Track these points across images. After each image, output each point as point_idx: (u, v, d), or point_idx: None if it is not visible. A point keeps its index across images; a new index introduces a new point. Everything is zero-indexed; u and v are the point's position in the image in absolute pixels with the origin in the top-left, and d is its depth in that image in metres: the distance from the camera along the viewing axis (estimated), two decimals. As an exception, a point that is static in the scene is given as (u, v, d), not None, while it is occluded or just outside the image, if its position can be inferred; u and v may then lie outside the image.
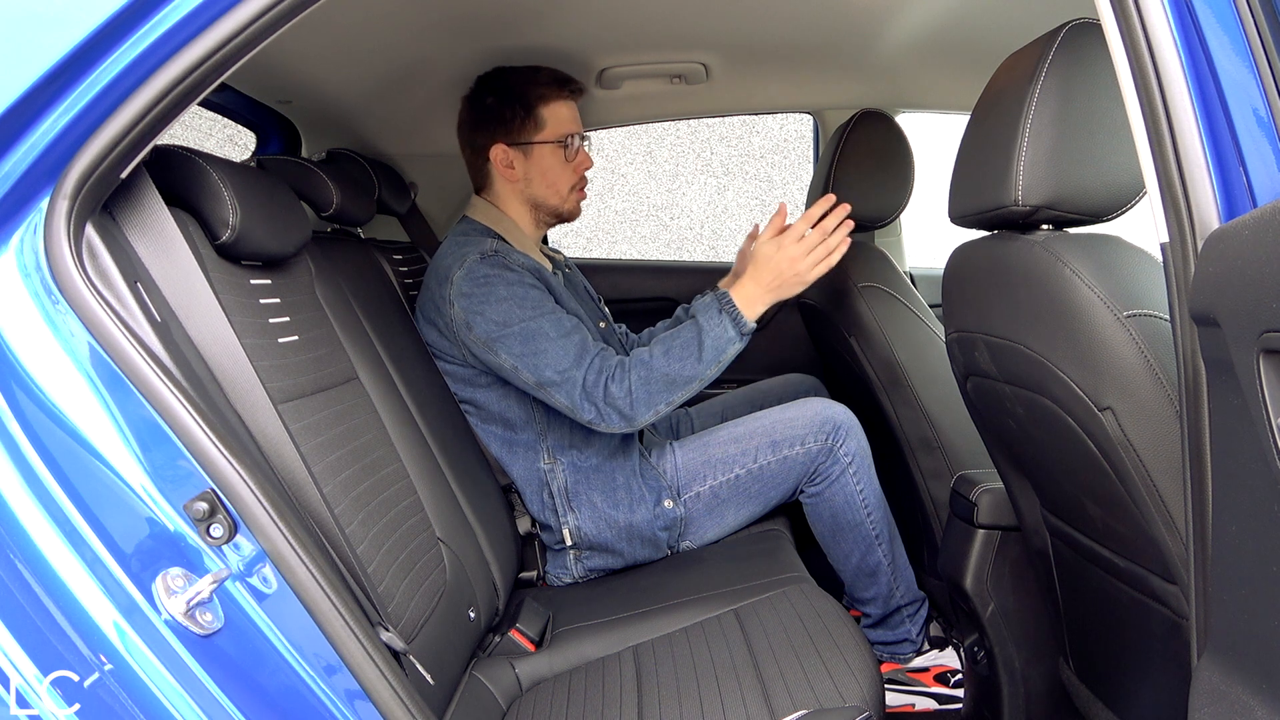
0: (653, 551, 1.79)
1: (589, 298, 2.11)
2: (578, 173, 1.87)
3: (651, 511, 1.76)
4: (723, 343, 1.59)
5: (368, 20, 1.70)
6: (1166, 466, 0.98)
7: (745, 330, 1.60)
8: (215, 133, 4.52)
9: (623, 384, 1.59)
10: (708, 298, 1.65)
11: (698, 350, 1.59)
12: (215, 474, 0.90)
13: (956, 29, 1.99)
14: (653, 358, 1.60)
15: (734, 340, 1.60)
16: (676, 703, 1.25)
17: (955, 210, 1.24)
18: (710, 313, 1.61)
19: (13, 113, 0.86)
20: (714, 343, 1.59)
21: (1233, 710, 0.79)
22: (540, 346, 1.62)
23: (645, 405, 1.59)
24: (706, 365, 1.59)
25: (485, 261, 1.68)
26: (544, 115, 1.82)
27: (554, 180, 1.84)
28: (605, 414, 1.60)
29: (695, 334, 1.60)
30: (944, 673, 1.82)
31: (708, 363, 1.59)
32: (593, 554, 1.79)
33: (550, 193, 1.85)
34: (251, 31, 0.90)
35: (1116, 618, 1.22)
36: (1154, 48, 0.83)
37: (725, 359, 1.60)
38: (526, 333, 1.62)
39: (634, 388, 1.58)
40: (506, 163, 1.84)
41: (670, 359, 1.59)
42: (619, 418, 1.60)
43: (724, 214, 5.92)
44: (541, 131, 1.82)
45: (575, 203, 1.89)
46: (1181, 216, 0.82)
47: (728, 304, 1.60)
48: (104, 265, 0.92)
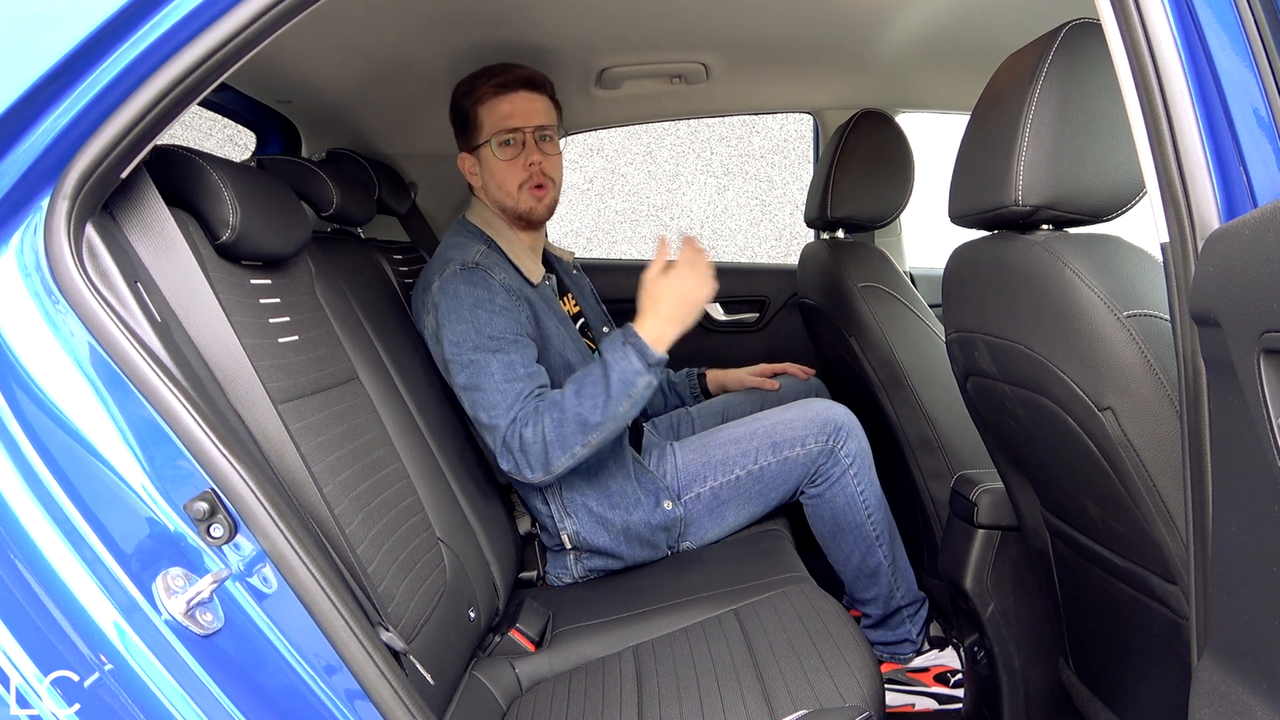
0: (651, 553, 1.79)
1: (594, 301, 2.11)
2: (526, 169, 1.79)
3: (649, 513, 1.75)
4: (630, 375, 1.55)
5: (367, 20, 1.70)
6: (1166, 466, 0.98)
7: (653, 361, 1.57)
8: (215, 133, 4.52)
9: (537, 428, 1.56)
10: (614, 334, 1.63)
11: (605, 386, 1.55)
12: (215, 474, 0.90)
13: (957, 29, 1.99)
14: (564, 398, 1.58)
15: (641, 372, 1.56)
16: (676, 703, 1.25)
17: (955, 210, 1.24)
18: (614, 347, 1.58)
19: (13, 113, 0.86)
20: (621, 376, 1.55)
21: (1233, 710, 0.79)
22: (482, 384, 1.60)
23: (560, 449, 1.56)
24: (617, 402, 1.55)
25: (463, 274, 1.66)
26: (481, 115, 1.79)
27: (501, 180, 1.79)
28: (520, 462, 1.58)
29: (602, 371, 1.57)
30: (944, 673, 1.82)
31: (617, 398, 1.55)
32: (592, 556, 1.78)
33: (502, 194, 1.80)
34: (251, 31, 0.90)
35: (1116, 618, 1.22)
36: (1154, 48, 0.83)
37: (636, 393, 1.56)
38: (474, 366, 1.61)
39: (547, 431, 1.56)
40: (471, 171, 1.85)
41: (581, 398, 1.56)
42: (536, 465, 1.58)
43: (724, 214, 5.92)
44: (481, 132, 1.80)
45: (530, 201, 1.80)
46: (1181, 216, 0.82)
47: (632, 336, 1.58)
48: (104, 265, 0.92)
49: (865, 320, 1.97)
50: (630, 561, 1.78)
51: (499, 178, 1.80)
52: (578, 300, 2.01)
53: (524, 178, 1.79)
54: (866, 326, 1.97)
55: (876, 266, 2.07)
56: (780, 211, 5.89)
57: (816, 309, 2.20)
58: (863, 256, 2.09)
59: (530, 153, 1.79)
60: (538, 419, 1.57)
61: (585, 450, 1.58)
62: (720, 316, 2.78)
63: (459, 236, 1.80)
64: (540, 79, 1.83)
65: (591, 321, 2.01)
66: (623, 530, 1.75)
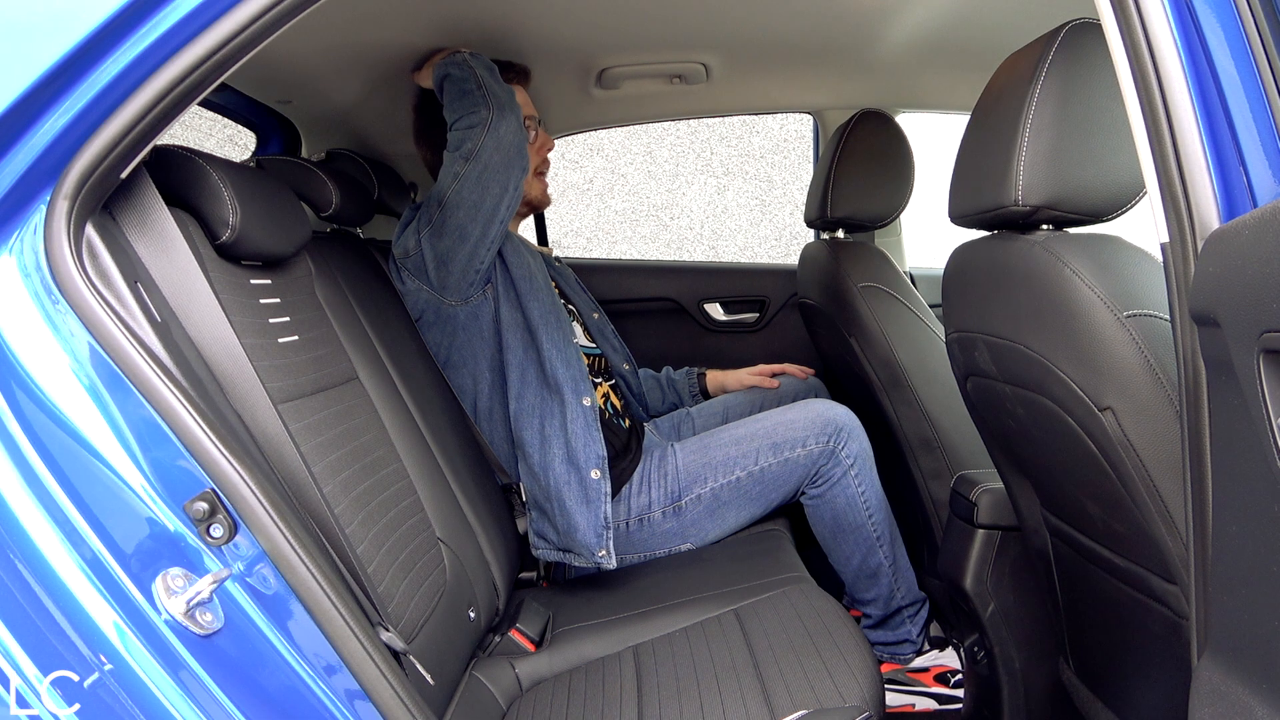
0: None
1: (580, 290, 2.13)
2: (540, 155, 1.91)
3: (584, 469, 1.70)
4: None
5: (367, 20, 1.70)
6: (1166, 466, 0.98)
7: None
8: (215, 133, 4.52)
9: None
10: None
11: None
12: (215, 474, 0.90)
13: (957, 29, 1.99)
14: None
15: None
16: (676, 703, 1.25)
17: (955, 210, 1.24)
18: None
19: (13, 113, 0.86)
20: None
21: (1233, 710, 0.79)
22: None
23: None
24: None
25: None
26: None
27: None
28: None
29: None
30: (944, 673, 1.82)
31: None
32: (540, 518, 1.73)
33: None
34: (251, 32, 0.90)
35: (1116, 618, 1.22)
36: (1154, 48, 0.83)
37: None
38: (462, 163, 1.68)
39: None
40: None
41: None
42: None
43: (724, 214, 5.92)
44: None
45: (541, 188, 1.93)
46: (1181, 216, 0.82)
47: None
48: (104, 265, 0.92)
49: (865, 320, 1.97)
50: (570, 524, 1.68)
51: None
52: (563, 288, 2.04)
53: (538, 163, 1.90)
54: (866, 326, 1.97)
55: (876, 266, 2.07)
56: (780, 211, 5.90)
57: (816, 309, 2.20)
58: (863, 256, 2.09)
59: (544, 140, 1.90)
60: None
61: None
62: (720, 316, 2.78)
63: None
64: (529, 71, 1.93)
65: (580, 308, 2.04)
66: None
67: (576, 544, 1.66)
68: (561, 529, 1.67)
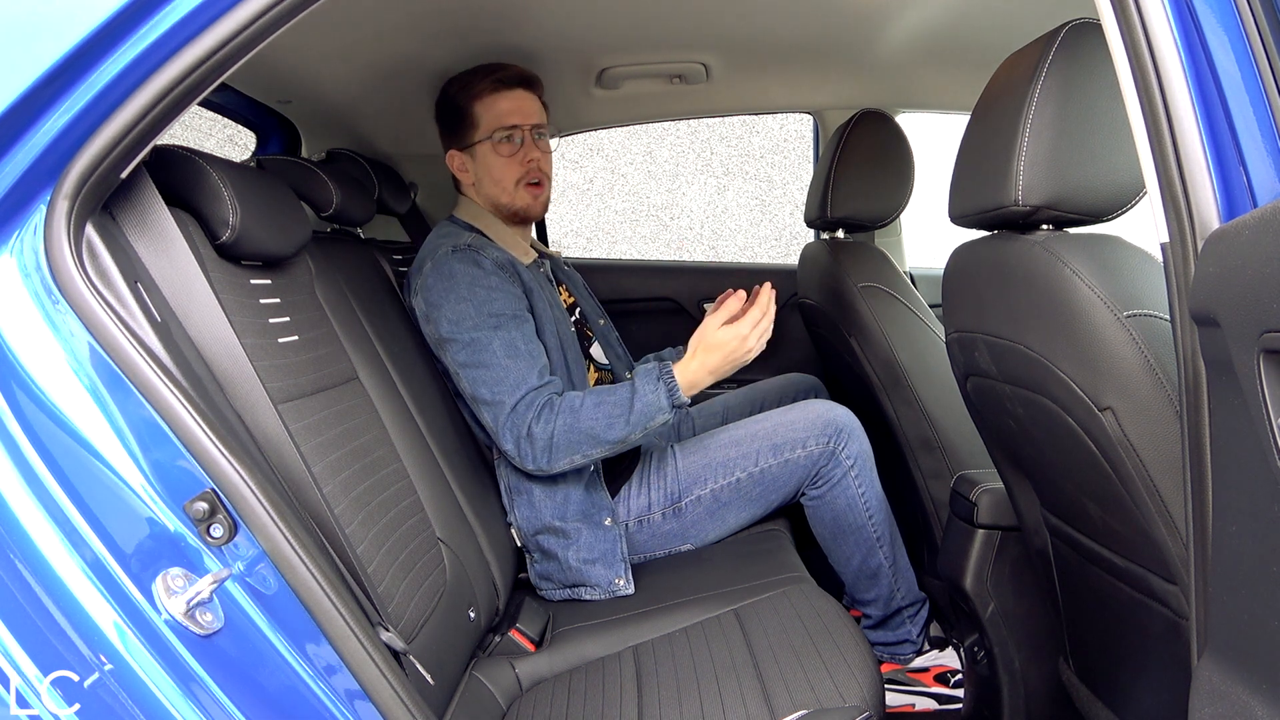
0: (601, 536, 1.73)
1: (587, 295, 2.11)
2: (524, 165, 1.81)
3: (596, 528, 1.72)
4: (652, 410, 1.57)
5: (367, 20, 1.70)
6: (1166, 466, 0.98)
7: (678, 403, 1.58)
8: (215, 133, 4.52)
9: (547, 426, 1.57)
10: (651, 364, 1.64)
11: (627, 410, 1.57)
12: (215, 474, 0.90)
13: (957, 29, 1.99)
14: (582, 406, 1.58)
15: (664, 410, 1.57)
16: (676, 703, 1.25)
17: (955, 210, 1.24)
18: (649, 379, 1.59)
19: (13, 113, 0.86)
20: (644, 408, 1.56)
21: (1233, 710, 0.79)
22: (484, 361, 1.61)
23: (564, 454, 1.58)
24: (633, 429, 1.57)
25: (456, 255, 1.68)
26: (478, 112, 1.80)
27: (498, 177, 1.82)
28: (523, 450, 1.59)
29: (629, 396, 1.58)
30: (944, 673, 1.83)
31: (634, 425, 1.57)
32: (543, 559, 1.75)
33: (498, 190, 1.82)
34: (251, 32, 0.90)
35: (1116, 618, 1.22)
36: (1154, 48, 0.83)
37: (652, 427, 1.58)
38: (475, 343, 1.62)
39: (556, 434, 1.57)
40: (461, 167, 1.85)
41: (599, 412, 1.57)
42: (538, 457, 1.59)
43: (724, 214, 5.92)
44: (478, 129, 1.81)
45: (527, 198, 1.83)
46: (1181, 216, 0.82)
47: (667, 375, 1.58)
48: (104, 265, 0.92)
49: (865, 320, 1.97)
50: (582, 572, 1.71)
51: (496, 174, 1.81)
52: (572, 292, 2.02)
53: (522, 173, 1.82)
54: (866, 326, 1.97)
55: (876, 266, 2.07)
56: (780, 211, 5.90)
57: (816, 309, 2.20)
58: (863, 256, 2.09)
59: (529, 149, 1.81)
60: (551, 417, 1.57)
61: (585, 460, 1.60)
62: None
63: (447, 227, 1.82)
64: (535, 78, 1.86)
65: (588, 314, 2.02)
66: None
67: (590, 579, 1.69)
68: (573, 565, 1.70)
